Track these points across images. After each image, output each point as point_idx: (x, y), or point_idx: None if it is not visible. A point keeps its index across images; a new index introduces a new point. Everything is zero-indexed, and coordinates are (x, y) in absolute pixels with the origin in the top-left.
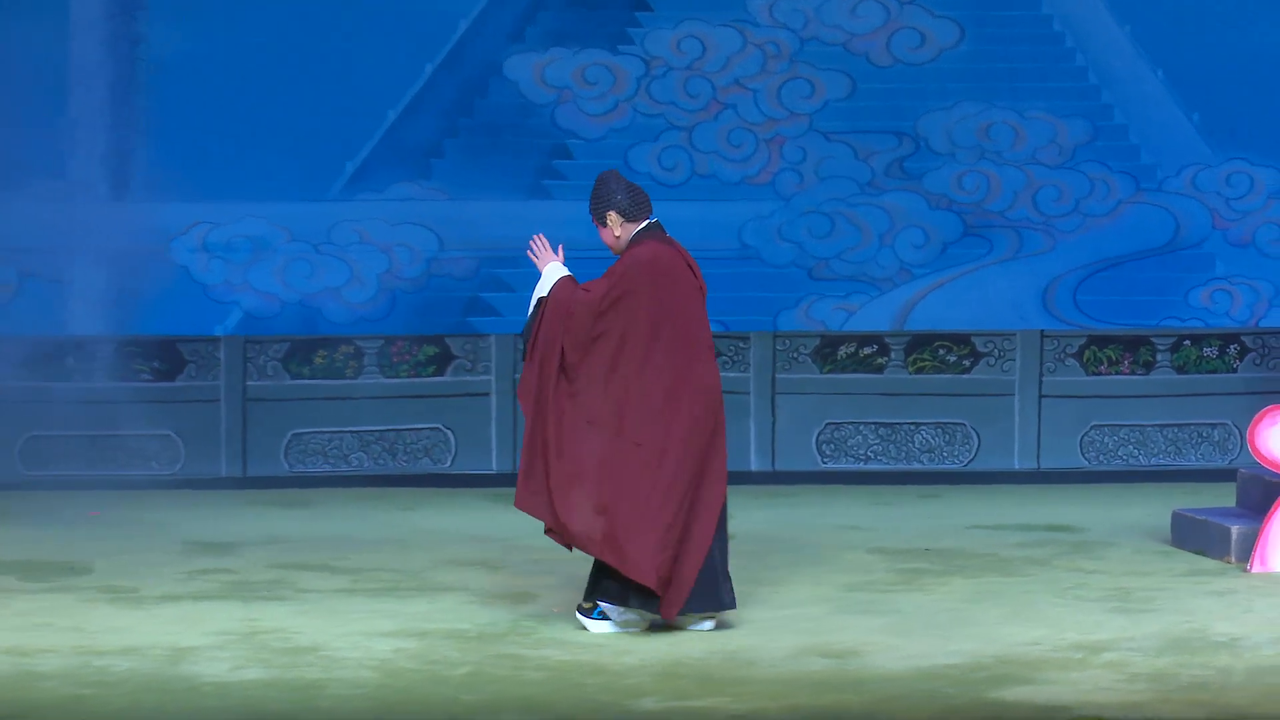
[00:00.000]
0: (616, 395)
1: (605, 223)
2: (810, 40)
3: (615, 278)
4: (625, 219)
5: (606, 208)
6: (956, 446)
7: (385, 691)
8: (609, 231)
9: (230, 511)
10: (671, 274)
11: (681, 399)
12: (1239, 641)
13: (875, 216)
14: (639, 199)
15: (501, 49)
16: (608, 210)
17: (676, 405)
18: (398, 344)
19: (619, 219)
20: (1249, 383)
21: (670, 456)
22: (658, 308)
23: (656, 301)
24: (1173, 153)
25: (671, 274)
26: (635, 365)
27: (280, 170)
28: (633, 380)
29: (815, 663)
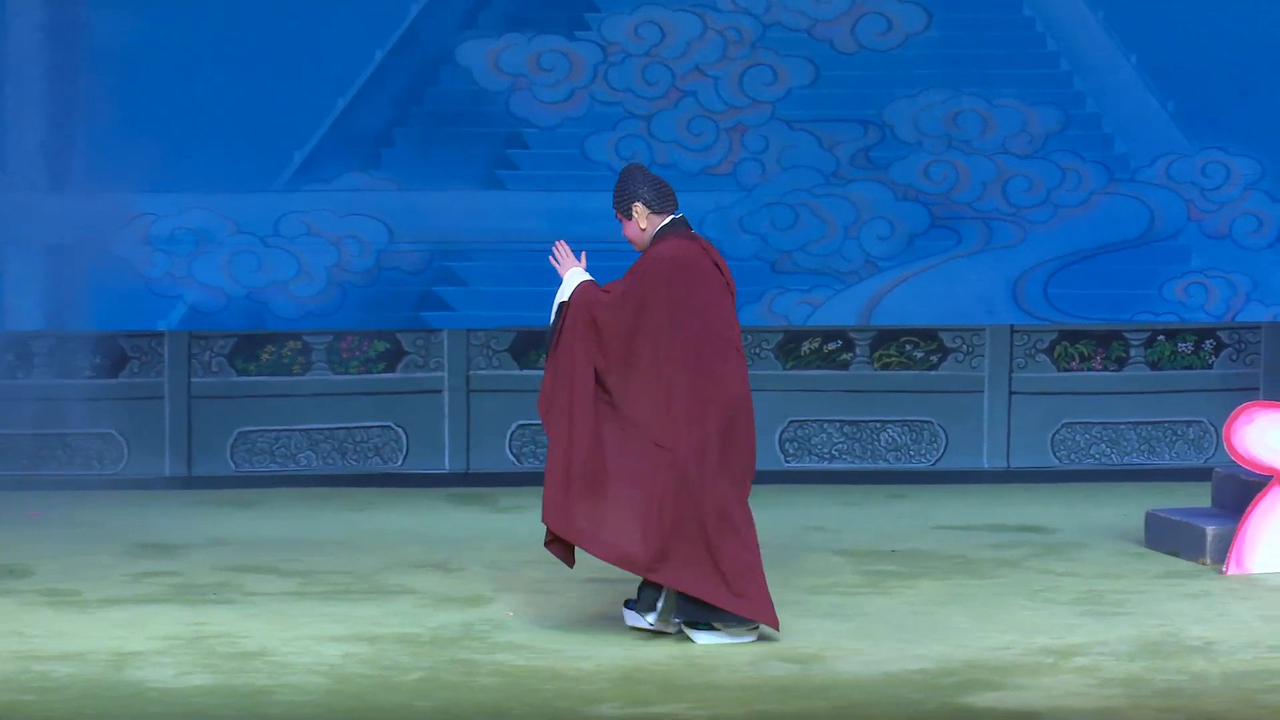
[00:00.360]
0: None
1: (630, 215)
2: (773, 26)
3: (636, 276)
4: (651, 211)
5: (632, 200)
6: (924, 445)
7: (335, 698)
8: (634, 225)
9: (175, 512)
10: (695, 271)
11: (709, 402)
12: (1214, 645)
13: (840, 208)
14: (664, 191)
15: (454, 35)
16: (634, 202)
17: (704, 408)
18: (347, 339)
19: (645, 211)
20: (1225, 379)
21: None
22: (679, 306)
23: (677, 300)
24: (1147, 142)
25: (695, 271)
26: (660, 366)
27: (226, 160)
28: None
29: (779, 668)
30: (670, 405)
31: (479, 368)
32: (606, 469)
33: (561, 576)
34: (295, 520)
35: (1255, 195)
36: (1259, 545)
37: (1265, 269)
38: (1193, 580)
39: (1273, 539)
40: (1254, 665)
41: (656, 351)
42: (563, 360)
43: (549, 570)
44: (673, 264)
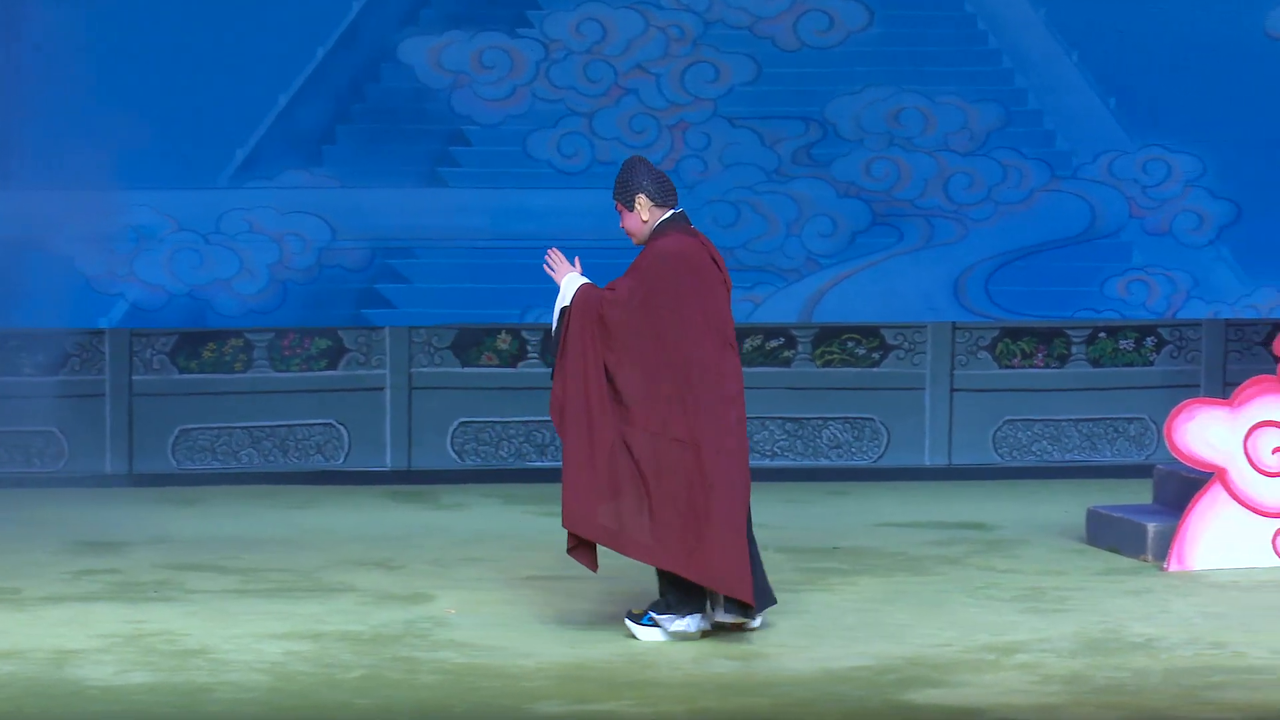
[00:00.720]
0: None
1: (633, 207)
2: (714, 23)
3: (640, 272)
4: (654, 204)
5: (636, 191)
6: (866, 442)
7: (276, 695)
8: (635, 217)
9: (116, 510)
10: (697, 267)
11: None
12: (1155, 642)
13: (782, 205)
14: (666, 185)
15: (396, 32)
16: (637, 194)
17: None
18: (289, 337)
19: (648, 203)
20: (1166, 376)
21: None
22: (683, 302)
23: (683, 295)
24: (1088, 139)
25: (697, 267)
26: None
27: (167, 157)
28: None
29: (721, 665)
30: (685, 401)
31: (421, 365)
32: (632, 469)
33: (503, 575)
34: (237, 518)
35: (1196, 192)
36: (1200, 542)
37: (1206, 266)
38: (1134, 577)
39: (1213, 536)
40: (1195, 662)
41: (665, 347)
42: (573, 363)
43: (490, 568)
44: (677, 259)
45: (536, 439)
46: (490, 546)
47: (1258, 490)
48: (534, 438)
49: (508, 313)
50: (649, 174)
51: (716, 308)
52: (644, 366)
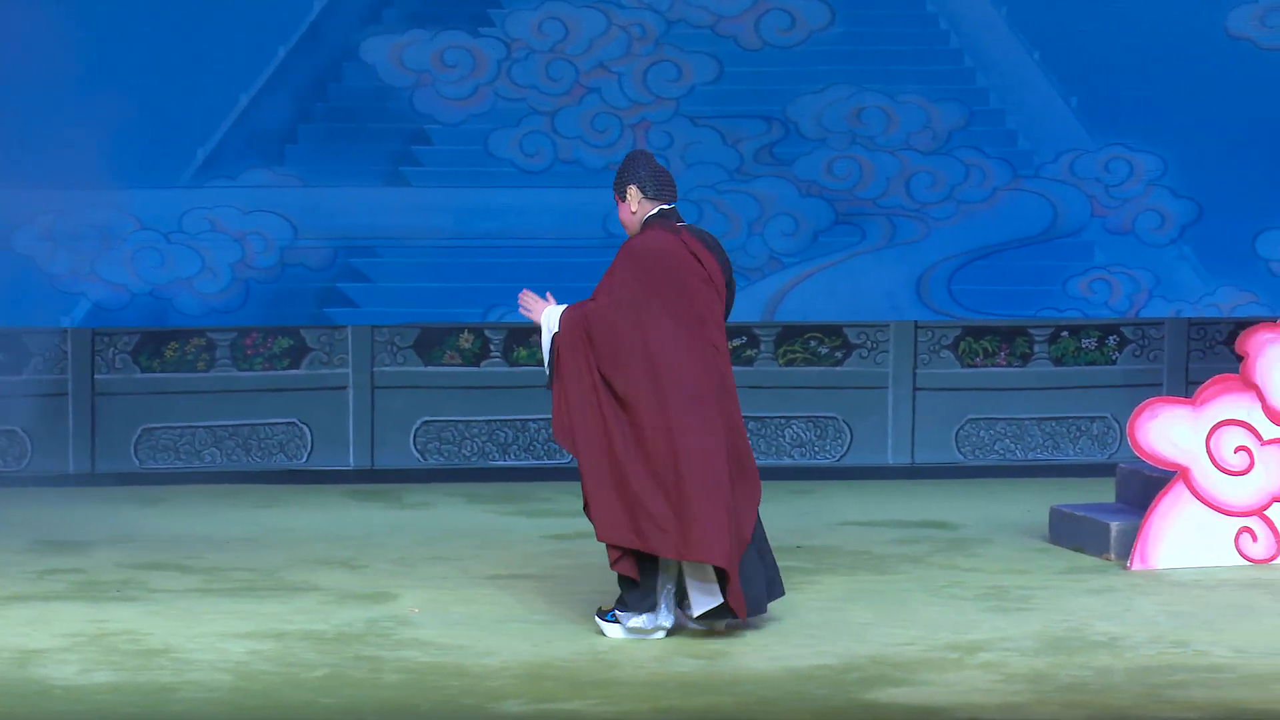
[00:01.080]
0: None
1: (625, 197)
2: (676, 22)
3: (610, 274)
4: (644, 196)
5: (628, 181)
6: (828, 441)
7: (240, 695)
8: (626, 207)
9: (79, 509)
10: (664, 261)
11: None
12: (1118, 641)
13: (744, 204)
14: (662, 180)
15: (357, 31)
16: (629, 185)
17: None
18: (251, 336)
19: (638, 195)
20: (1128, 375)
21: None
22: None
23: (647, 292)
24: (1050, 138)
25: (664, 261)
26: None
27: (129, 156)
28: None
29: (684, 664)
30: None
31: (383, 364)
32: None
33: (466, 574)
34: (200, 517)
35: (1158, 191)
36: (1163, 541)
37: (1168, 265)
38: (1097, 576)
39: (1176, 535)
40: (1158, 660)
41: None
42: (571, 383)
43: (454, 567)
44: (642, 255)
45: (499, 438)
46: (453, 545)
47: (1220, 489)
48: (497, 436)
49: (470, 312)
50: (646, 167)
51: (689, 303)
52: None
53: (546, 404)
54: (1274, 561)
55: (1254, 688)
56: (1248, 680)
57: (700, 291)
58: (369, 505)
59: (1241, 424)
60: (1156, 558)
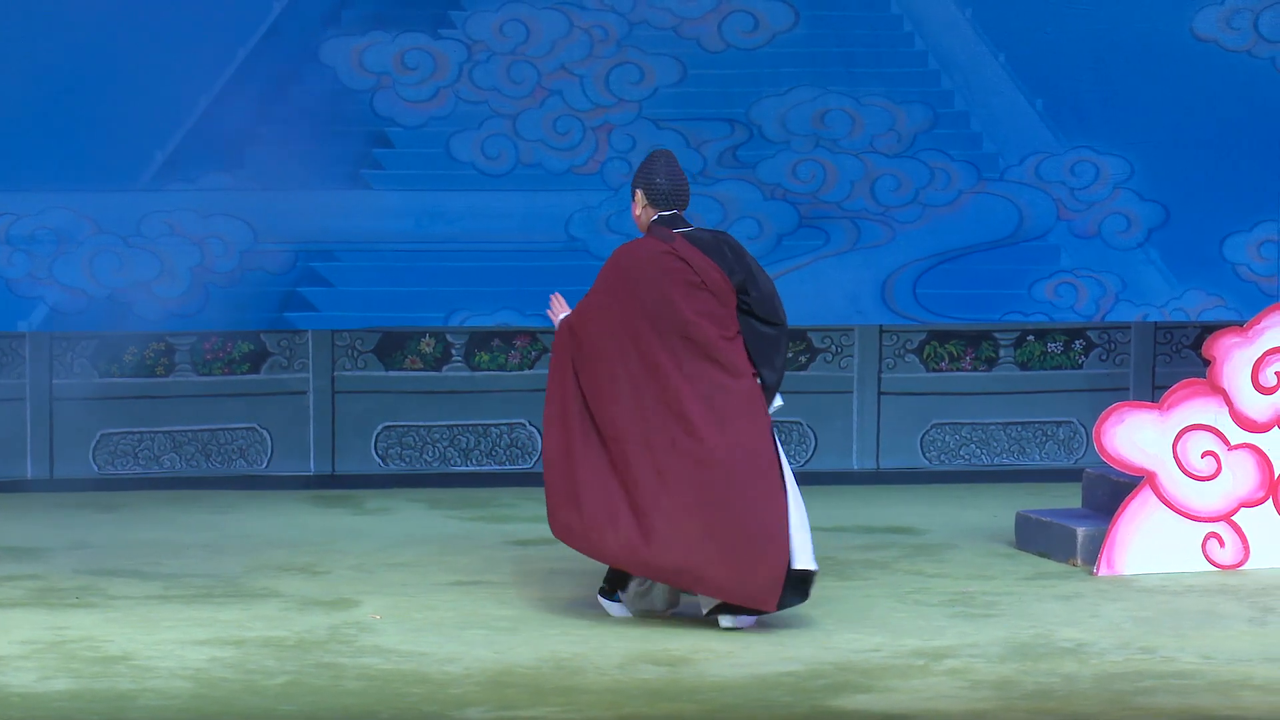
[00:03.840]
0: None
1: (634, 198)
2: (639, 24)
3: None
4: (648, 201)
5: (637, 185)
6: (793, 446)
7: (200, 702)
8: (635, 207)
9: (36, 515)
10: (632, 272)
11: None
12: (1085, 647)
13: (707, 207)
14: (667, 187)
15: (317, 33)
16: (636, 187)
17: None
18: (211, 340)
19: (643, 199)
20: (1095, 379)
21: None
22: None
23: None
24: (1016, 141)
25: (632, 272)
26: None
27: (86, 159)
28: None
29: (647, 671)
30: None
31: (344, 369)
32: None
33: (427, 580)
34: (158, 523)
35: (1124, 194)
36: (1130, 546)
37: (1135, 268)
38: (1063, 581)
39: (1143, 540)
40: (1125, 667)
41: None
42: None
43: (415, 573)
44: (613, 263)
45: (461, 443)
46: (415, 551)
47: (1187, 494)
48: (458, 442)
49: (432, 316)
50: (660, 171)
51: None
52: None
53: (509, 409)
54: (1241, 567)
55: (1221, 694)
56: (1215, 686)
57: (687, 296)
58: (330, 511)
59: (1209, 429)
60: (1123, 563)
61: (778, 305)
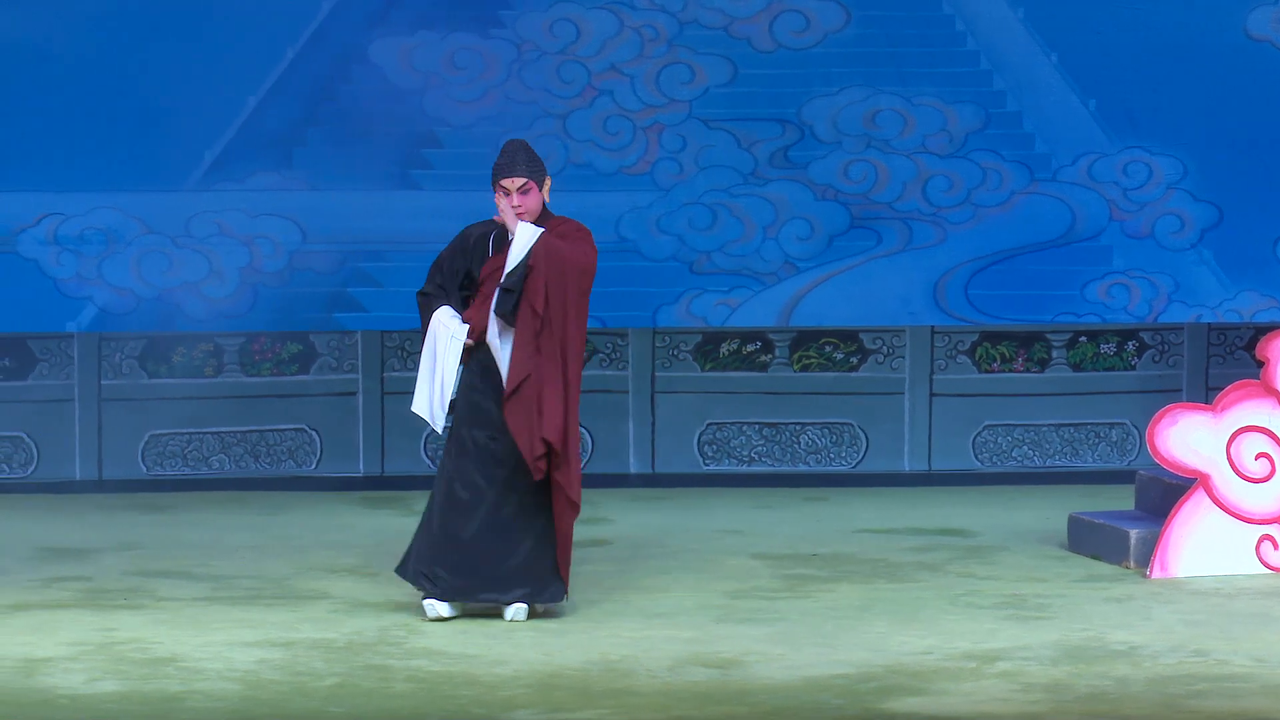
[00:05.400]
0: None
1: (542, 185)
2: (689, 24)
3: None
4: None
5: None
6: (844, 447)
7: (248, 704)
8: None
9: (85, 516)
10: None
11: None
12: (1138, 650)
13: (758, 208)
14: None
15: (366, 32)
16: (546, 175)
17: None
18: (259, 341)
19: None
20: (1147, 380)
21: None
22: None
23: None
24: (1068, 141)
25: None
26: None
27: (135, 159)
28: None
29: (697, 674)
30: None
31: (393, 370)
32: None
33: None
34: (207, 524)
35: (1177, 195)
36: (1183, 548)
37: (1188, 269)
38: (1116, 584)
39: (1197, 542)
40: (1178, 670)
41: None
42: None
43: None
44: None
45: None
46: None
47: (1241, 496)
48: None
49: None
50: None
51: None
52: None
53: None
54: None
55: (1274, 697)
56: (1268, 690)
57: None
58: (378, 512)
59: (1262, 430)
60: (1176, 566)
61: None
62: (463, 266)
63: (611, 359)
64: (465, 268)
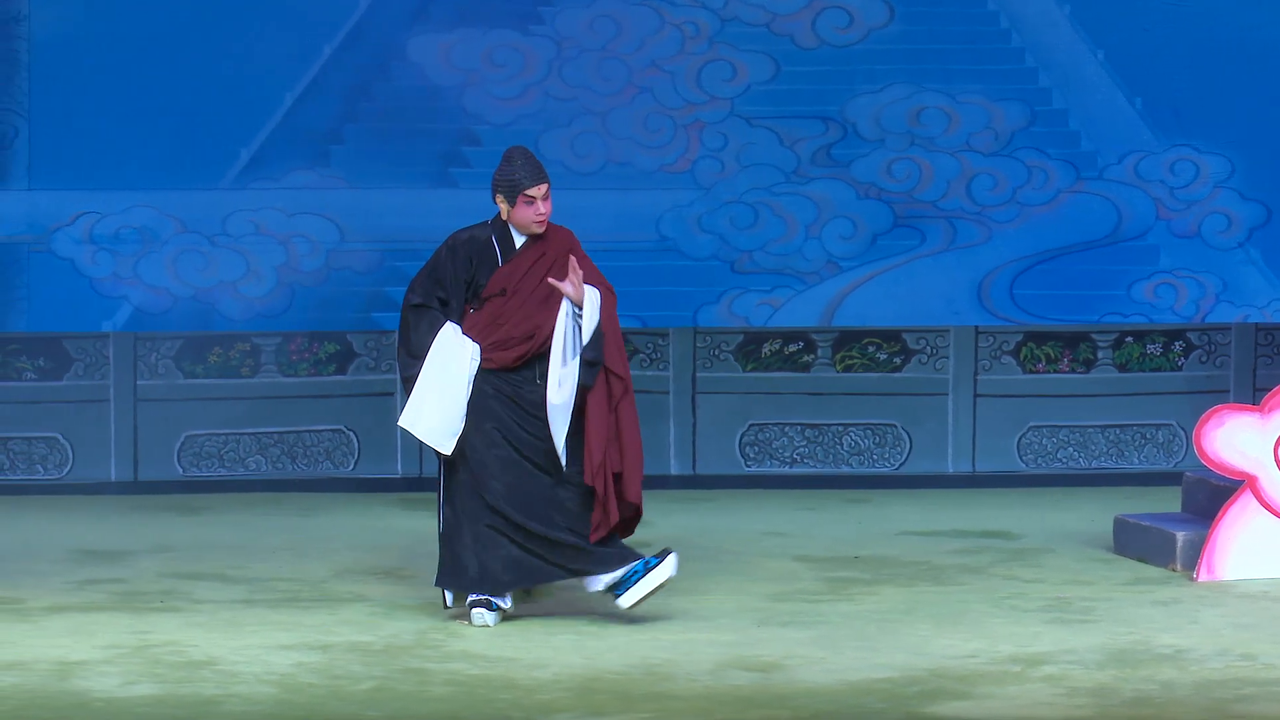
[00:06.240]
0: None
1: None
2: (731, 20)
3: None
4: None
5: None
6: (887, 449)
7: (285, 707)
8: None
9: (120, 518)
10: None
11: None
12: (1184, 654)
13: (801, 206)
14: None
15: (404, 29)
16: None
17: None
18: (296, 341)
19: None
20: (1194, 381)
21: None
22: None
23: None
24: (1114, 139)
25: None
26: None
27: (171, 157)
28: None
29: (738, 677)
30: None
31: None
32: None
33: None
34: (243, 526)
35: (1225, 193)
36: (1230, 551)
37: (1235, 269)
38: (1162, 587)
39: (1244, 545)
40: (1225, 674)
41: None
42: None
43: None
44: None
45: None
46: None
47: None
48: None
49: None
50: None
51: None
52: None
53: None
54: None
55: None
56: None
57: None
58: (417, 514)
59: None
60: (1223, 569)
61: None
62: (466, 277)
63: (652, 359)
64: (469, 278)
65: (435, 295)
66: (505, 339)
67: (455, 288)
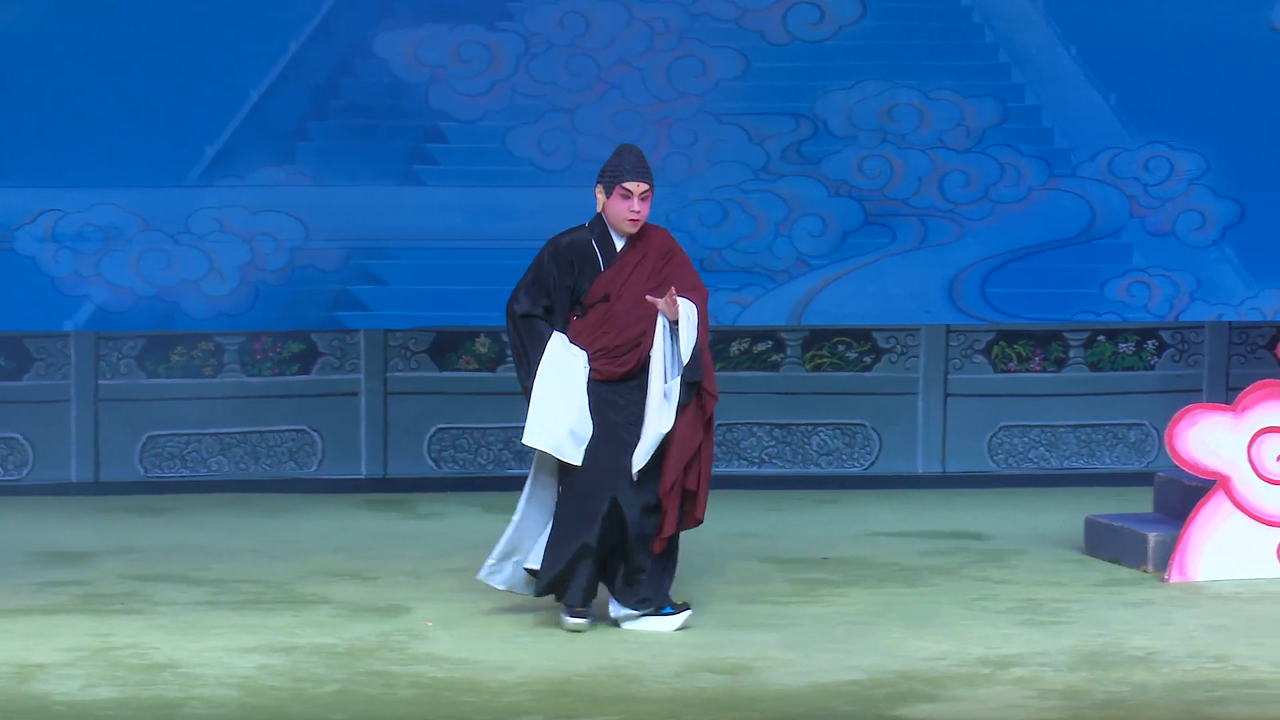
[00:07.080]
0: None
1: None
2: (700, 16)
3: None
4: None
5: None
6: (857, 449)
7: (248, 711)
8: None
9: (81, 519)
10: None
11: None
12: (1156, 655)
13: (770, 204)
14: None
15: (371, 25)
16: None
17: None
18: (260, 340)
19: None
20: (1167, 380)
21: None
22: None
23: None
24: (1088, 136)
25: None
26: None
27: (134, 154)
28: None
29: (706, 679)
30: None
31: (396, 369)
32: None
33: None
34: (206, 527)
35: (1199, 191)
36: (1202, 552)
37: (1209, 267)
38: (1134, 588)
39: (1217, 545)
40: (1197, 676)
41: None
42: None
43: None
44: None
45: (516, 445)
46: (469, 556)
47: (1262, 498)
48: (513, 444)
49: (486, 315)
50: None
51: None
52: None
53: None
54: None
55: None
56: None
57: None
58: (381, 515)
59: None
60: (1196, 569)
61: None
62: (569, 282)
63: None
64: (571, 283)
65: (541, 304)
66: (612, 345)
67: (559, 294)
